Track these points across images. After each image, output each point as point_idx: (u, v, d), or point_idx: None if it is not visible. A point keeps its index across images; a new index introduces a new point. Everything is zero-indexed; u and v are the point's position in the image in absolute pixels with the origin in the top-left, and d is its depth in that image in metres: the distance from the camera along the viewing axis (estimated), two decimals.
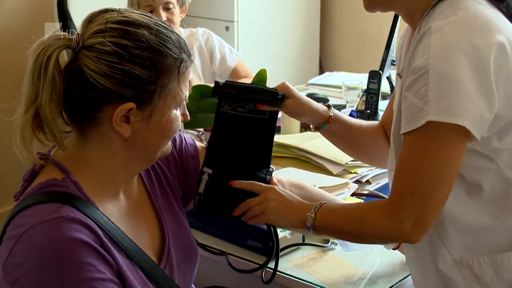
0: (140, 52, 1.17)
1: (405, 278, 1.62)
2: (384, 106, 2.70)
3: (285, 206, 1.43)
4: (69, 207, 1.14)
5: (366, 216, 1.34)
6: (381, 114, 2.58)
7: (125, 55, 1.16)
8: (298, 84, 3.38)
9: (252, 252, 1.71)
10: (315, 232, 1.41)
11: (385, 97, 2.85)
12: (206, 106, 2.18)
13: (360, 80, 2.95)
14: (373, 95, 2.58)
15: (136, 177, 1.35)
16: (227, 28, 4.10)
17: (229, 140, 1.52)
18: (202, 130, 2.42)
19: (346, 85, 2.89)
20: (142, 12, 1.24)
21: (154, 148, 1.26)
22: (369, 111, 2.56)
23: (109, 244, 1.17)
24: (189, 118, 1.31)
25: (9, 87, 1.21)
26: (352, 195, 1.92)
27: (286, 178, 1.62)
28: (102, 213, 1.20)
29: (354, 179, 2.04)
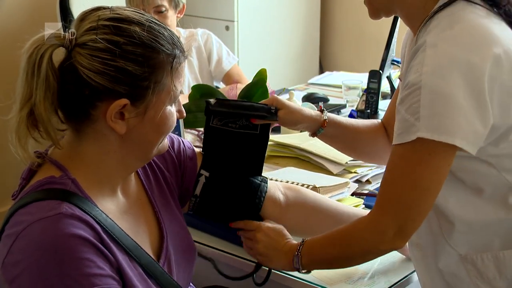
0: (132, 48, 1.17)
1: (405, 278, 1.62)
2: (384, 106, 2.70)
3: (272, 251, 1.49)
4: (67, 204, 1.15)
5: (349, 234, 1.38)
6: (381, 114, 2.58)
7: (117, 52, 1.16)
8: (298, 83, 3.38)
9: None
10: (306, 270, 1.47)
11: (385, 96, 2.85)
12: None
13: (360, 79, 2.95)
14: (373, 95, 2.58)
15: (133, 175, 1.35)
16: (227, 28, 4.10)
17: (221, 150, 1.54)
18: (202, 129, 2.41)
19: (346, 84, 2.89)
20: (135, 9, 1.24)
21: (149, 144, 1.26)
22: (369, 111, 2.56)
23: (108, 240, 1.17)
24: (185, 114, 1.32)
25: (9, 87, 1.21)
26: (352, 195, 1.91)
27: (282, 183, 1.65)
28: (100, 210, 1.20)
29: (354, 179, 2.04)
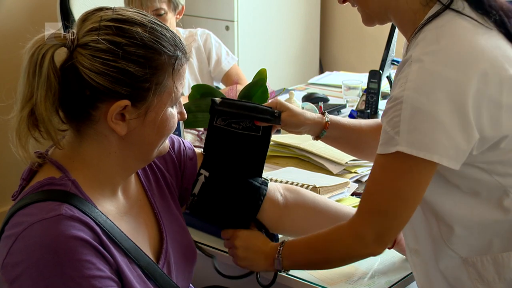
0: (134, 49, 1.17)
1: (405, 278, 1.62)
2: (384, 106, 2.71)
3: (251, 254, 1.50)
4: (67, 206, 1.14)
5: (330, 239, 1.39)
6: (381, 114, 2.58)
7: (119, 53, 1.16)
8: (298, 83, 3.38)
9: None
10: (287, 271, 1.48)
11: (385, 96, 2.84)
12: (206, 106, 2.16)
13: (360, 79, 2.95)
14: (373, 95, 2.58)
15: (133, 176, 1.35)
16: (227, 27, 4.10)
17: (222, 151, 1.54)
18: (202, 129, 2.41)
19: (346, 84, 2.89)
20: (137, 10, 1.24)
21: (150, 146, 1.26)
22: (369, 111, 2.56)
23: (107, 242, 1.17)
24: (186, 116, 1.32)
25: (9, 86, 1.21)
26: (352, 195, 1.92)
27: (281, 184, 1.66)
28: (100, 211, 1.20)
29: (354, 179, 2.04)
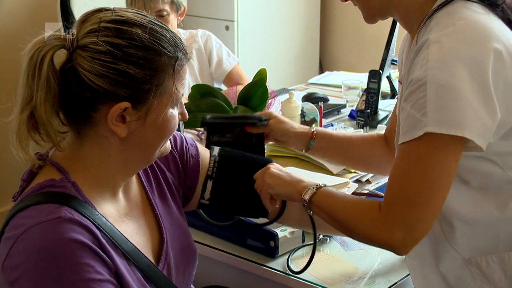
0: (134, 51, 1.16)
1: (405, 278, 1.62)
2: (384, 106, 2.71)
3: (283, 175, 1.44)
4: (67, 208, 1.14)
5: (361, 212, 1.32)
6: (381, 114, 2.59)
7: (118, 54, 1.15)
8: (298, 83, 3.38)
9: (252, 251, 1.72)
10: (308, 207, 1.39)
11: (385, 96, 2.85)
12: (207, 106, 2.18)
13: (360, 79, 2.95)
14: (373, 95, 2.58)
15: (134, 177, 1.35)
16: (227, 27, 4.10)
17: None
18: (202, 129, 2.42)
19: (346, 84, 2.89)
20: (137, 10, 1.23)
21: (151, 147, 1.25)
22: (369, 111, 2.56)
23: (107, 245, 1.17)
24: (187, 117, 1.31)
25: (9, 87, 1.21)
26: (352, 195, 1.92)
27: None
28: (100, 214, 1.19)
29: (354, 179, 2.04)
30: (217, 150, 1.52)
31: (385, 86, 2.82)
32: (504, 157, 1.31)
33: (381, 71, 2.60)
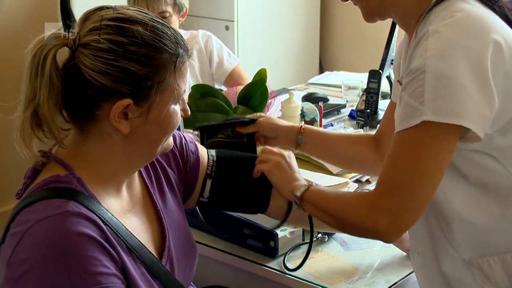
0: (135, 48, 1.17)
1: (405, 278, 1.62)
2: (384, 106, 2.70)
3: (285, 169, 1.48)
4: (74, 203, 1.15)
5: (349, 202, 1.34)
6: (381, 114, 2.58)
7: (120, 52, 1.16)
8: (298, 83, 3.38)
9: (252, 251, 1.72)
10: (299, 204, 1.41)
11: (385, 96, 2.85)
12: (206, 105, 2.18)
13: (360, 79, 2.95)
14: (373, 95, 2.58)
15: (136, 174, 1.36)
16: (227, 27, 4.10)
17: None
18: None
19: (346, 84, 2.89)
20: (138, 8, 1.24)
21: (154, 143, 1.27)
22: (369, 111, 2.56)
23: (113, 240, 1.18)
24: (189, 113, 1.32)
25: (9, 86, 1.21)
26: None
27: None
28: (105, 209, 1.20)
29: (354, 179, 2.04)
30: (214, 150, 1.55)
31: (385, 86, 2.81)
32: (504, 152, 1.31)
33: (381, 71, 2.60)
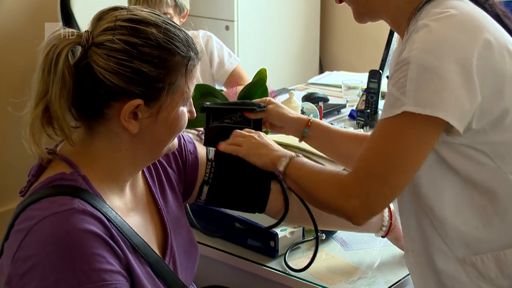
0: (149, 50, 1.18)
1: (404, 278, 1.62)
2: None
3: (262, 145, 1.51)
4: (79, 200, 1.15)
5: (324, 180, 1.36)
6: (381, 114, 2.58)
7: (134, 53, 1.17)
8: (298, 83, 3.38)
9: (252, 251, 1.72)
10: (283, 180, 1.45)
11: (385, 96, 2.84)
12: None
13: (360, 79, 2.96)
14: (373, 95, 2.59)
15: (139, 173, 1.37)
16: (227, 27, 4.10)
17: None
18: (202, 129, 2.41)
19: (346, 84, 2.89)
20: (151, 10, 1.25)
21: (161, 144, 1.28)
22: (369, 111, 2.56)
23: (118, 237, 1.18)
24: (195, 115, 1.33)
25: (9, 86, 1.22)
26: None
27: None
28: (110, 207, 1.21)
29: None
30: (212, 153, 1.55)
31: (385, 86, 2.81)
32: (494, 147, 1.31)
33: (381, 71, 2.60)
